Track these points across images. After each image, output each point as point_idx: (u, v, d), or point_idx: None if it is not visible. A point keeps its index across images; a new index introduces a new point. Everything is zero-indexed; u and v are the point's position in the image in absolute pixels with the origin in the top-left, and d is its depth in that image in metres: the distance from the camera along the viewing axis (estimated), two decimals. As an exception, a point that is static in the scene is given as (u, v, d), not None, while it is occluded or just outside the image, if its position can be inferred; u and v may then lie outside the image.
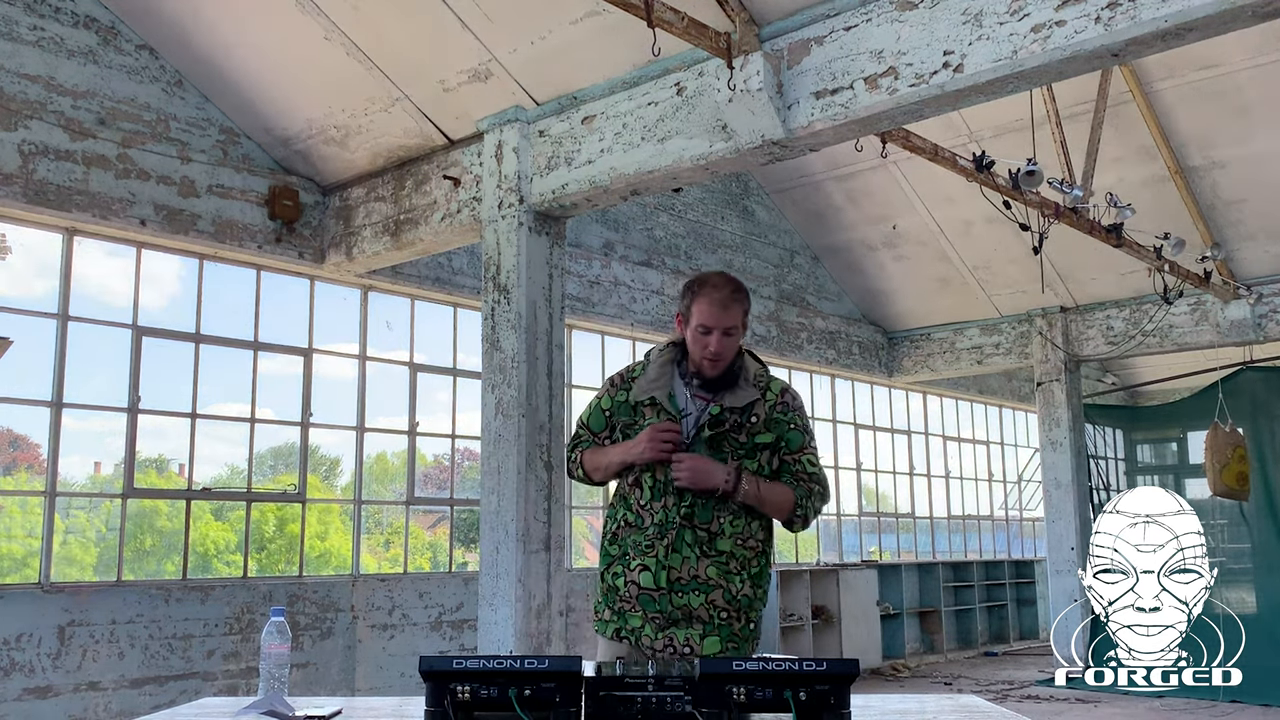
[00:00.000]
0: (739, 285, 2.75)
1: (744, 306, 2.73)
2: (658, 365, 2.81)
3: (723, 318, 2.68)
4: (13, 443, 6.89)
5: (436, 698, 1.82)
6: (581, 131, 5.97)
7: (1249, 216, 9.52)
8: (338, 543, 8.20)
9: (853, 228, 11.37)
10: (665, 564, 2.67)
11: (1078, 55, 4.30)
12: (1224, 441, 9.88)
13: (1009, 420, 15.79)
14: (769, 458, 2.76)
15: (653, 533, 2.70)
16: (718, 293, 2.69)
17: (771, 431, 2.75)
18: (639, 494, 2.75)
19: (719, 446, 2.71)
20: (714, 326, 2.68)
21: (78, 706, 6.27)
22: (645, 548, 2.70)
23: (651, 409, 2.75)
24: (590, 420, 2.88)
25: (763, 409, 2.75)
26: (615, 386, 2.85)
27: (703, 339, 2.69)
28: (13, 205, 6.27)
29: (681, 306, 2.77)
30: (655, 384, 2.77)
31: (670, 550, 2.68)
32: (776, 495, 2.74)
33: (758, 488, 2.70)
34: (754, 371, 2.82)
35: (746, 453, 2.73)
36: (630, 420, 2.79)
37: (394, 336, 8.39)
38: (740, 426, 2.72)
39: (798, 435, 2.79)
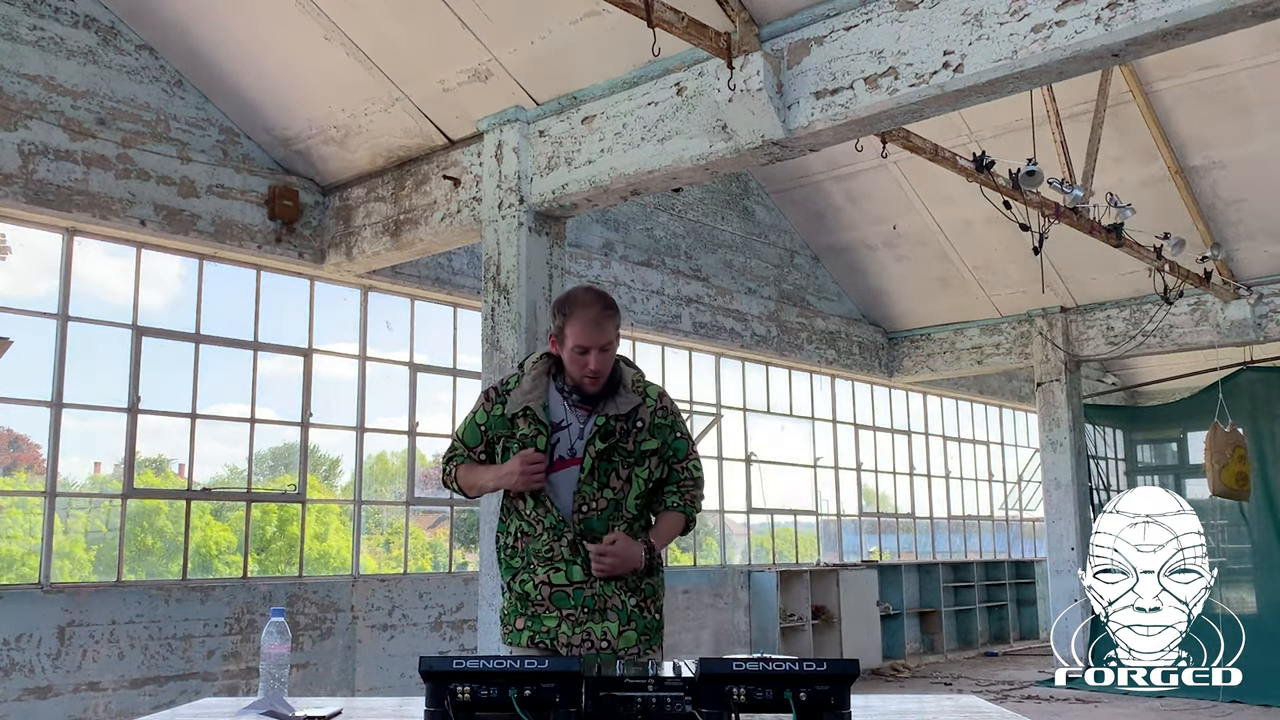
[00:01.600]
0: (609, 301, 2.76)
1: (616, 321, 2.75)
2: (532, 376, 2.81)
3: (597, 336, 2.68)
4: (13, 443, 6.89)
5: (436, 698, 1.82)
6: (581, 131, 5.97)
7: (1249, 216, 9.52)
8: (338, 543, 8.20)
9: (853, 228, 11.37)
10: (571, 560, 2.71)
11: (1078, 55, 4.30)
12: (1223, 442, 9.88)
13: (1009, 420, 15.79)
14: (656, 464, 2.80)
15: (548, 538, 2.73)
16: (589, 311, 2.69)
17: (656, 438, 2.79)
18: (524, 505, 2.78)
19: (609, 457, 2.73)
20: (590, 345, 2.68)
21: (78, 707, 6.27)
22: (546, 553, 2.73)
23: (525, 419, 2.75)
24: (465, 435, 2.87)
25: (646, 414, 2.79)
26: (490, 401, 2.84)
27: (580, 359, 2.70)
28: (13, 205, 6.27)
29: (554, 327, 2.77)
30: (529, 395, 2.77)
31: (572, 548, 2.72)
32: (672, 530, 2.86)
33: (661, 541, 2.81)
34: (630, 377, 2.84)
35: (635, 460, 2.76)
36: (508, 432, 2.79)
37: (394, 336, 8.39)
38: (627, 434, 2.75)
39: (683, 443, 2.86)
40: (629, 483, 2.76)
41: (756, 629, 10.55)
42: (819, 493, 12.05)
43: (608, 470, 2.73)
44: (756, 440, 11.14)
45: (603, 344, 2.69)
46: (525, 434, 2.75)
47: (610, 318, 2.72)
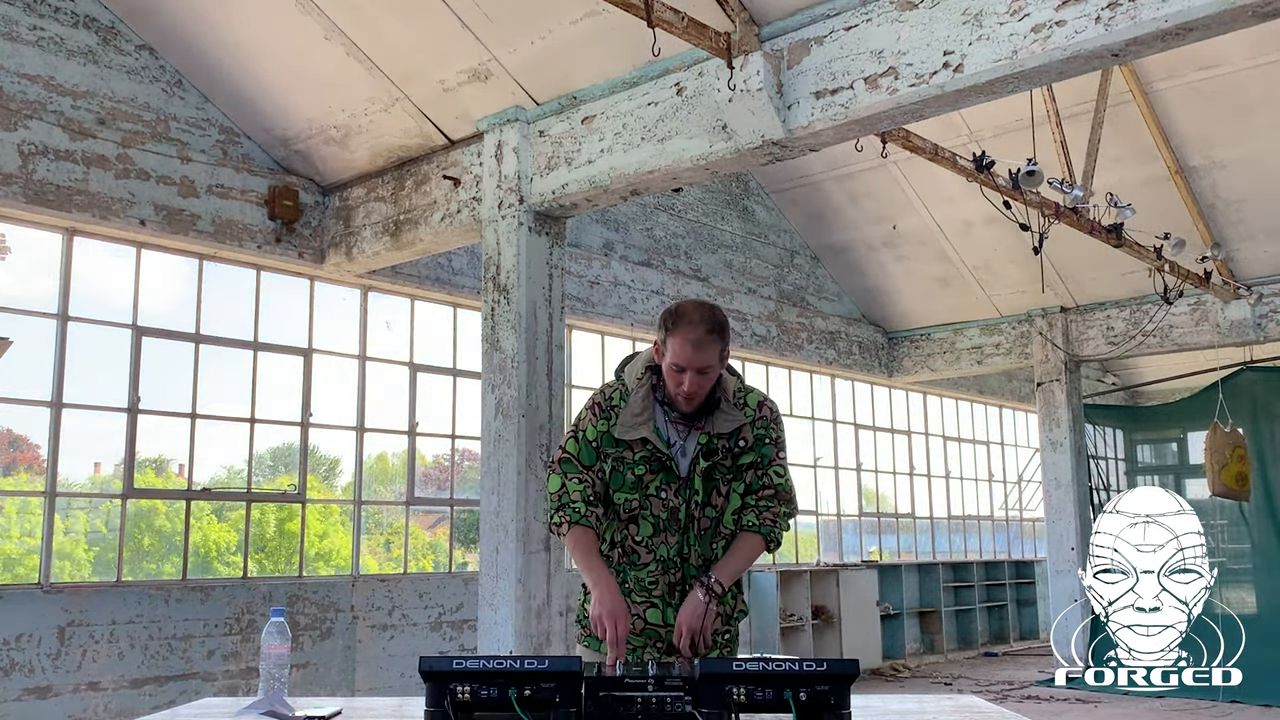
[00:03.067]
0: (717, 322, 2.58)
1: (721, 344, 2.58)
2: (640, 398, 2.66)
3: (696, 358, 2.54)
4: (13, 443, 6.89)
5: (436, 698, 1.82)
6: (581, 131, 5.97)
7: (1249, 216, 9.52)
8: (338, 543, 8.20)
9: (853, 228, 11.37)
10: (672, 602, 2.63)
11: (1078, 55, 4.30)
12: (1223, 442, 9.89)
13: (1009, 420, 15.79)
14: (752, 477, 2.69)
15: (656, 569, 2.64)
16: (693, 331, 2.54)
17: (755, 450, 2.68)
18: (636, 529, 2.66)
19: (710, 475, 2.64)
20: (688, 366, 2.55)
21: (78, 707, 6.27)
22: (649, 584, 2.64)
23: (642, 445, 2.63)
24: (582, 455, 2.67)
25: (749, 431, 2.66)
26: (597, 415, 2.69)
27: (677, 376, 2.57)
28: (13, 205, 6.27)
29: (659, 337, 2.63)
30: (640, 419, 2.63)
31: (676, 589, 2.63)
32: (746, 555, 2.67)
33: (730, 569, 2.62)
34: (732, 389, 2.71)
35: (734, 475, 2.66)
36: (619, 454, 2.65)
37: (394, 336, 8.39)
38: (729, 452, 2.65)
39: (770, 449, 2.70)
40: (727, 499, 2.67)
41: (756, 629, 10.55)
42: (819, 493, 12.05)
43: (710, 489, 2.64)
44: (756, 440, 11.11)
45: (701, 366, 2.54)
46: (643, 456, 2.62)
47: (715, 340, 2.55)
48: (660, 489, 2.63)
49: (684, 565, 2.63)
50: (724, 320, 2.62)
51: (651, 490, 2.64)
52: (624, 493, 2.66)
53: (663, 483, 2.63)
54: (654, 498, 2.63)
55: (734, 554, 2.65)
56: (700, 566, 2.64)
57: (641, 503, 2.65)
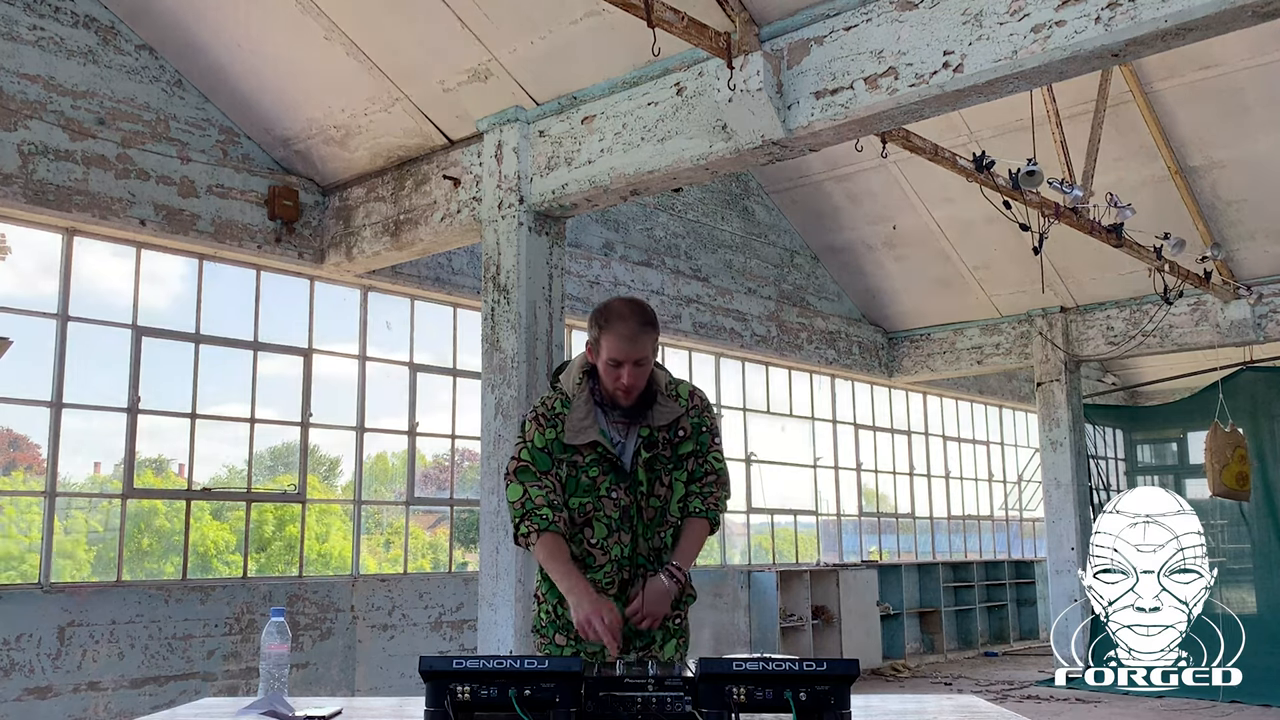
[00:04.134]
0: (648, 315, 2.67)
1: (653, 335, 2.66)
2: (582, 402, 2.71)
3: (632, 351, 2.61)
4: (13, 443, 6.89)
5: (436, 698, 1.82)
6: (581, 131, 5.97)
7: (1249, 216, 9.52)
8: (338, 543, 8.20)
9: (853, 228, 11.37)
10: (624, 598, 2.66)
11: (1078, 55, 4.30)
12: (1224, 442, 9.89)
13: (1009, 420, 15.79)
14: (694, 464, 2.77)
15: (610, 569, 2.68)
16: (625, 325, 2.61)
17: (693, 439, 2.77)
18: (590, 532, 2.69)
19: (652, 467, 2.70)
20: (624, 360, 2.61)
21: (78, 707, 6.26)
22: (605, 585, 2.67)
23: (591, 449, 2.68)
24: (537, 462, 2.69)
25: (686, 422, 2.75)
26: (543, 424, 2.72)
27: (614, 371, 2.63)
28: (13, 205, 6.27)
29: (590, 336, 2.69)
30: (585, 423, 2.69)
31: (628, 586, 2.68)
32: (697, 539, 2.76)
33: (688, 560, 2.72)
34: (663, 382, 2.77)
35: (675, 465, 2.74)
36: (569, 459, 2.70)
37: (394, 336, 8.39)
38: (668, 443, 2.73)
39: (706, 437, 2.79)
40: (670, 488, 2.74)
41: (756, 629, 10.55)
42: (819, 493, 12.05)
43: (653, 480, 2.71)
44: (756, 440, 11.14)
45: (637, 358, 2.61)
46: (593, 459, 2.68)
47: (647, 332, 2.64)
48: (610, 489, 2.69)
49: (634, 560, 2.70)
50: (653, 313, 2.72)
51: (602, 491, 2.69)
52: (578, 497, 2.70)
53: (612, 483, 2.69)
54: (605, 498, 2.69)
55: (686, 540, 2.74)
56: (648, 556, 2.70)
57: (595, 504, 2.69)
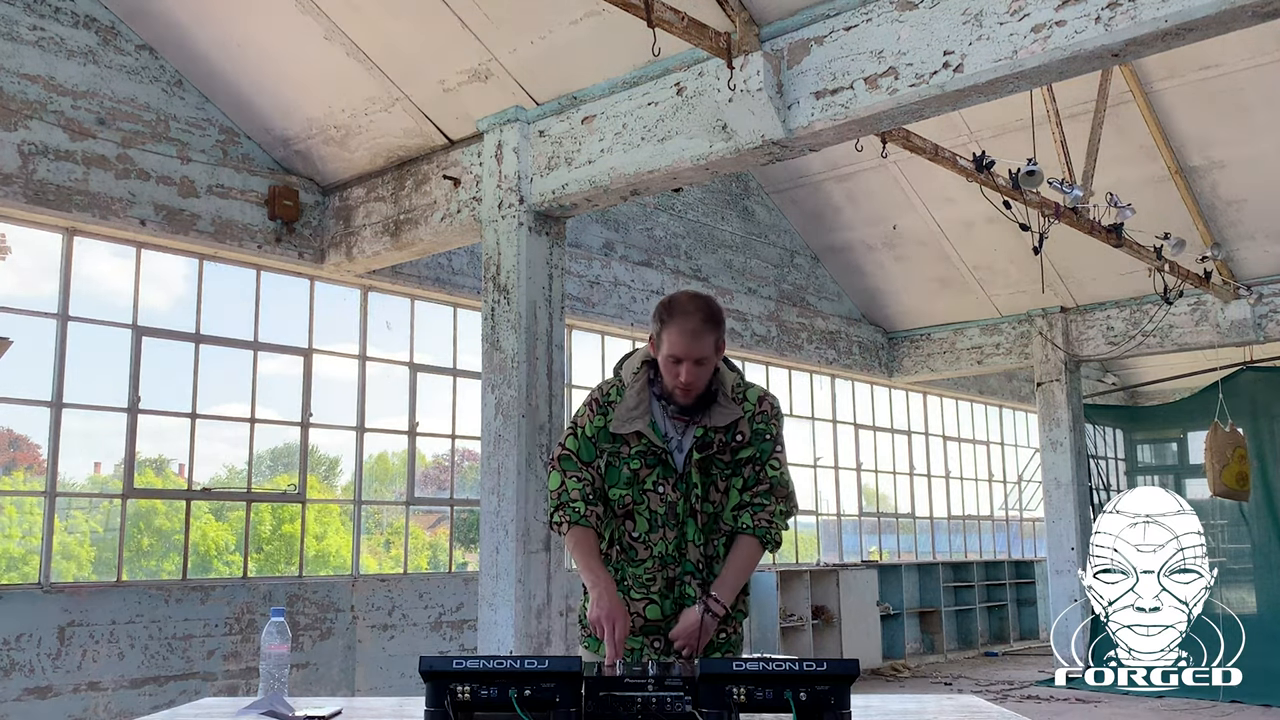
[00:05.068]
0: (712, 312, 2.58)
1: (716, 334, 2.57)
2: (635, 392, 2.65)
3: (693, 348, 2.52)
4: (13, 443, 6.89)
5: (436, 698, 1.82)
6: (581, 131, 5.97)
7: (1249, 216, 9.52)
8: (338, 543, 8.20)
9: (853, 228, 11.37)
10: (670, 595, 2.61)
11: (1078, 55, 4.30)
12: (1224, 442, 9.89)
13: (1009, 420, 15.79)
14: (751, 471, 2.65)
15: (653, 565, 2.61)
16: (688, 321, 2.53)
17: (753, 445, 2.64)
18: (632, 525, 2.64)
19: (706, 470, 2.62)
20: (684, 357, 2.53)
21: (78, 706, 6.27)
22: (647, 580, 2.62)
23: (637, 439, 2.61)
24: (581, 451, 2.65)
25: (745, 426, 2.63)
26: (595, 411, 2.67)
27: (674, 368, 2.55)
28: (13, 205, 6.27)
29: (654, 330, 2.62)
30: (635, 413, 2.62)
31: (675, 583, 2.62)
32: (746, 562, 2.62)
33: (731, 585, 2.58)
34: (730, 383, 2.68)
35: (732, 470, 2.63)
36: (614, 449, 2.64)
37: (394, 336, 8.39)
38: (725, 446, 2.62)
39: (768, 445, 2.66)
40: (726, 494, 2.63)
41: (756, 629, 10.54)
42: (819, 493, 12.05)
43: (707, 484, 2.61)
44: (756, 440, 11.12)
45: (698, 356, 2.52)
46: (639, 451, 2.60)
47: (710, 330, 2.54)
48: (657, 483, 2.61)
49: (681, 560, 2.62)
50: (719, 311, 2.61)
51: (648, 485, 2.62)
52: (619, 488, 2.64)
53: (659, 477, 2.61)
54: (650, 492, 2.61)
55: (733, 565, 2.60)
56: (698, 563, 2.62)
57: (636, 498, 2.62)
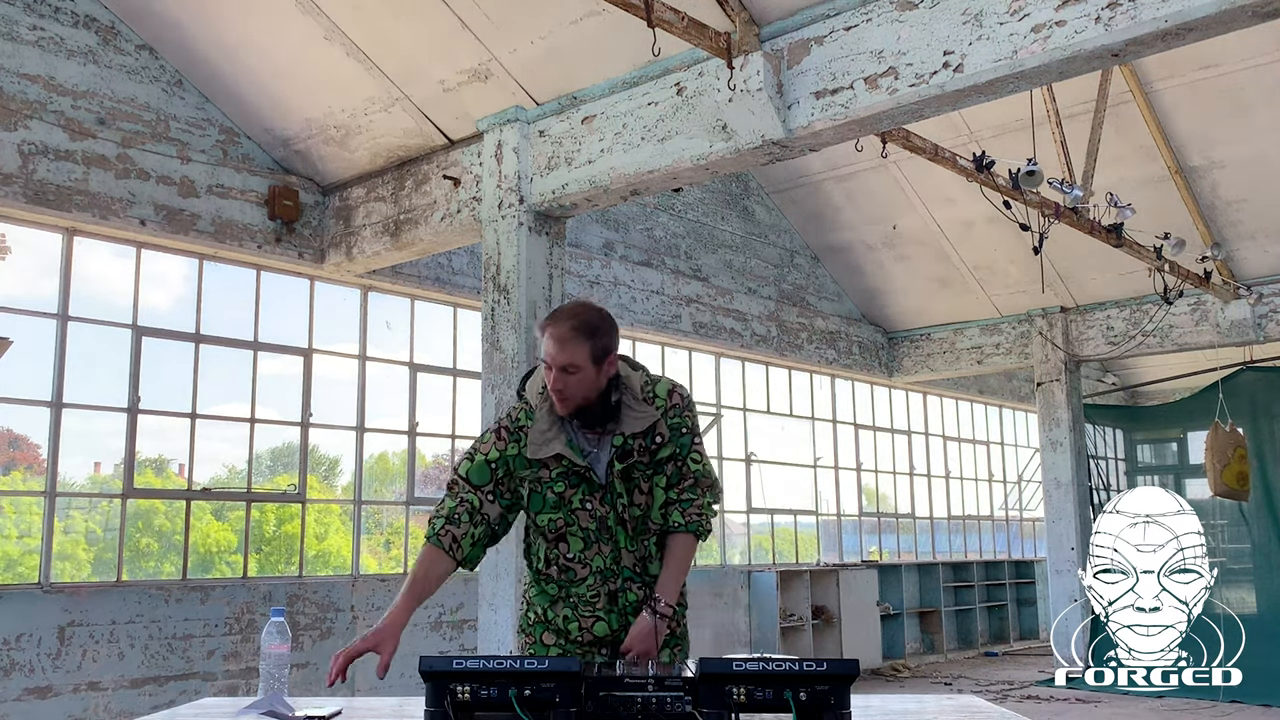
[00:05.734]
0: (584, 321, 2.50)
1: (590, 344, 2.48)
2: (545, 413, 2.59)
3: (558, 354, 2.47)
4: (12, 443, 6.89)
5: (436, 698, 1.82)
6: (581, 131, 5.97)
7: (1249, 216, 9.53)
8: (338, 543, 8.20)
9: (853, 228, 11.37)
10: (614, 609, 2.59)
11: (1078, 55, 4.30)
12: (1225, 441, 9.89)
13: (1009, 420, 15.79)
14: (674, 468, 2.63)
15: (594, 582, 2.58)
16: (558, 328, 2.48)
17: (672, 443, 2.62)
18: (566, 546, 2.60)
19: (629, 475, 2.57)
20: (551, 363, 2.49)
21: (78, 706, 6.26)
22: (591, 598, 2.59)
23: (557, 461, 2.56)
24: (472, 475, 2.59)
25: (663, 425, 2.60)
26: (504, 440, 2.60)
27: (548, 374, 2.52)
28: (13, 205, 6.27)
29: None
30: (549, 435, 2.57)
31: (611, 598, 2.59)
32: (683, 558, 2.61)
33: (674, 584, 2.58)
34: (639, 384, 2.63)
35: (654, 470, 2.60)
36: (534, 475, 2.58)
37: (394, 336, 8.39)
38: (645, 450, 2.58)
39: (686, 439, 2.64)
40: (650, 495, 2.61)
41: (756, 629, 10.55)
42: (819, 493, 12.05)
43: (631, 489, 2.58)
44: (756, 440, 11.14)
45: (563, 363, 2.47)
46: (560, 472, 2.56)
47: (581, 338, 2.48)
48: (584, 501, 2.57)
49: (619, 571, 2.59)
50: (600, 323, 2.54)
51: (575, 504, 2.57)
52: (546, 513, 2.60)
53: (585, 494, 2.57)
54: (579, 511, 2.57)
55: (671, 564, 2.60)
56: (634, 567, 2.59)
57: (567, 519, 2.58)
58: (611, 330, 2.57)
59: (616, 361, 2.59)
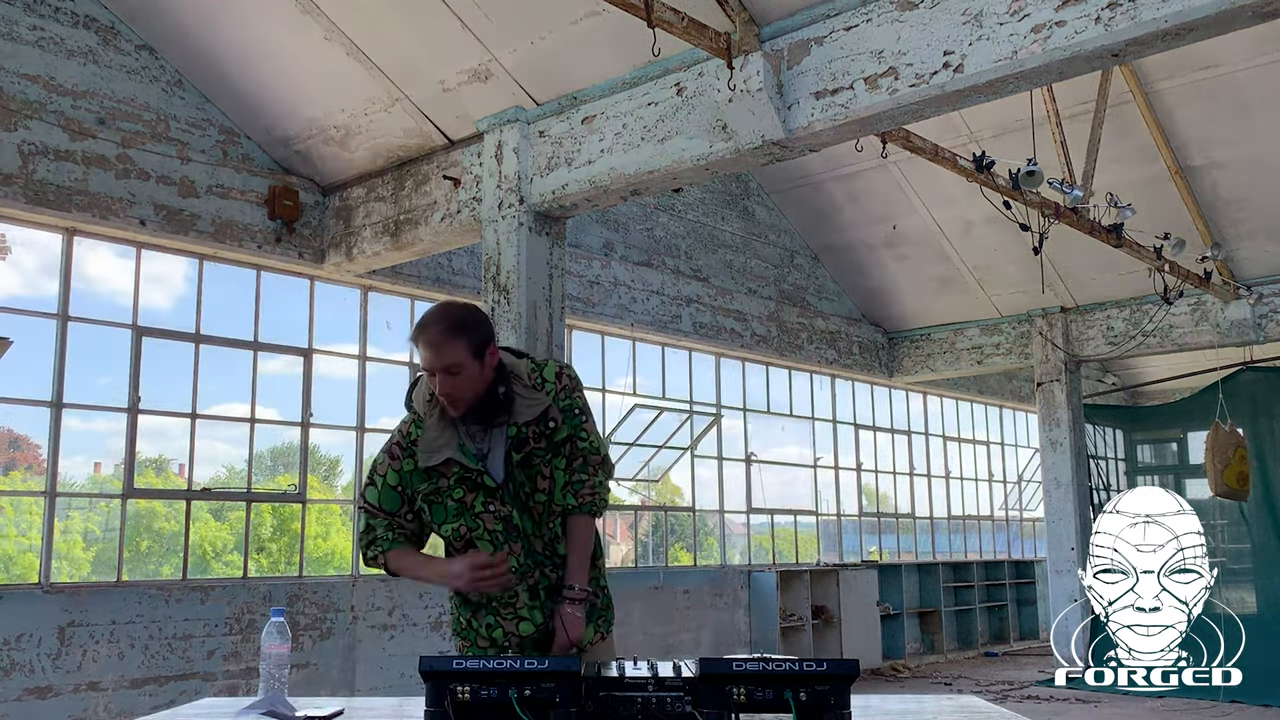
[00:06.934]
0: (451, 319, 2.50)
1: (464, 339, 2.47)
2: (435, 421, 2.56)
3: (437, 359, 2.46)
4: (13, 443, 6.89)
5: (436, 698, 1.82)
6: (581, 132, 5.97)
7: (1249, 216, 9.53)
8: (338, 543, 8.20)
9: (853, 228, 11.37)
10: (536, 604, 2.60)
11: (1078, 55, 4.30)
12: (1226, 441, 9.88)
13: (1009, 420, 15.79)
14: (571, 447, 2.63)
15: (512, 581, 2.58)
16: (427, 333, 2.47)
17: (566, 424, 2.61)
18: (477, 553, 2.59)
19: (529, 464, 2.58)
20: (432, 369, 2.48)
21: (78, 707, 6.27)
22: (509, 599, 2.59)
23: (449, 467, 2.55)
24: (383, 501, 2.60)
25: (556, 411, 2.60)
26: (397, 458, 2.60)
27: (432, 381, 2.51)
28: (13, 205, 6.27)
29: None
30: (440, 442, 2.55)
31: (532, 593, 2.60)
32: (585, 541, 2.65)
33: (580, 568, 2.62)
34: (525, 372, 2.62)
35: (553, 453, 2.60)
36: (432, 486, 2.57)
37: (394, 336, 8.40)
38: (541, 435, 2.58)
39: (579, 418, 2.64)
40: (552, 479, 2.61)
41: (756, 629, 10.55)
42: (819, 493, 12.05)
43: (534, 475, 2.59)
44: (756, 440, 11.14)
45: (445, 365, 2.46)
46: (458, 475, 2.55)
47: (453, 336, 2.46)
48: (486, 503, 2.56)
49: (534, 563, 2.60)
50: (466, 317, 2.53)
51: (478, 508, 2.56)
52: (450, 523, 2.59)
53: (485, 497, 2.56)
54: (483, 515, 2.56)
55: (574, 547, 2.62)
56: (543, 551, 2.61)
57: (470, 524, 2.57)
58: (483, 322, 2.57)
59: (498, 352, 2.57)
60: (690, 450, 10.29)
